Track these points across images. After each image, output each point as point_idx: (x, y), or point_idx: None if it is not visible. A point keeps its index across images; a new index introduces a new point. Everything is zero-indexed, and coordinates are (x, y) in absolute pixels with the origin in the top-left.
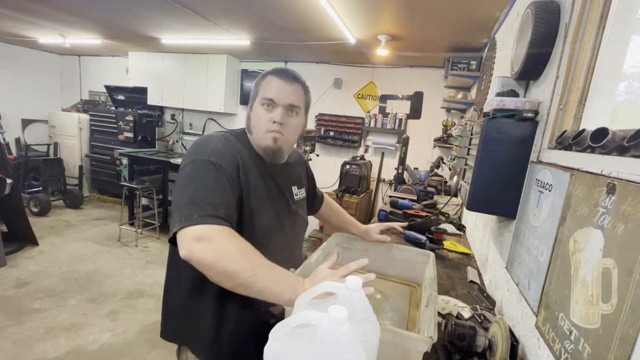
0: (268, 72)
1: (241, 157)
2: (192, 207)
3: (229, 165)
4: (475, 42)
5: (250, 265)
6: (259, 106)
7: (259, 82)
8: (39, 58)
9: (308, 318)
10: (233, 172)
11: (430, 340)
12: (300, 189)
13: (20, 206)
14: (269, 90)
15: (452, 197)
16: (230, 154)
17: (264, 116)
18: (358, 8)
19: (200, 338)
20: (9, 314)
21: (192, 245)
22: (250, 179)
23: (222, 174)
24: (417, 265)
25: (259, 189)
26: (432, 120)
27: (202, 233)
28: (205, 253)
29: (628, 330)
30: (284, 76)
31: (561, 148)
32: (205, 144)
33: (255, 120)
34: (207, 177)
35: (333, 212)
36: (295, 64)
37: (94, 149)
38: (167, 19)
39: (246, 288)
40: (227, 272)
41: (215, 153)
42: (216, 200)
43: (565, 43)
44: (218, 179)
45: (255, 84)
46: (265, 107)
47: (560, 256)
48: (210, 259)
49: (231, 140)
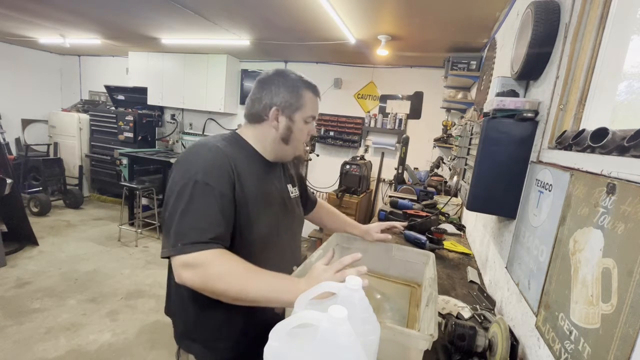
0: (307, 86)
1: (235, 165)
2: (178, 234)
3: (218, 180)
4: (475, 42)
5: (237, 281)
6: (302, 121)
7: (299, 96)
8: (39, 58)
9: (308, 318)
10: (224, 187)
11: (430, 337)
12: (295, 187)
13: (20, 206)
14: (313, 109)
15: (452, 197)
16: (222, 167)
17: (306, 130)
18: (358, 8)
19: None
20: (9, 314)
21: (181, 273)
22: (247, 185)
23: (210, 193)
24: (417, 266)
25: (258, 193)
26: (432, 120)
27: (188, 261)
28: (193, 279)
29: (628, 330)
30: (318, 93)
31: (561, 148)
32: (194, 157)
33: (298, 134)
34: (193, 201)
35: (329, 214)
36: (295, 64)
37: (94, 149)
38: (167, 19)
39: (241, 301)
40: (216, 292)
41: (204, 169)
42: (202, 224)
43: (565, 43)
44: (205, 201)
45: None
46: (308, 123)
47: (560, 256)
48: (198, 284)
49: (222, 148)
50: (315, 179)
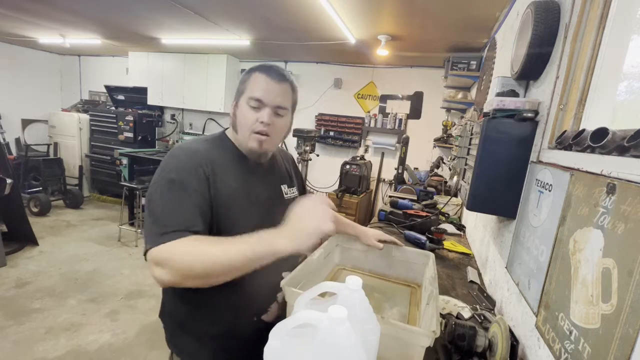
0: (255, 68)
1: (212, 166)
2: (148, 233)
3: (192, 178)
4: (475, 42)
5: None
6: (245, 105)
7: (245, 79)
8: (39, 58)
9: (308, 318)
10: (197, 185)
11: (433, 334)
12: (291, 188)
13: (20, 206)
14: (257, 89)
15: (452, 197)
16: (196, 167)
17: (250, 116)
18: (358, 8)
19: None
20: (9, 314)
21: (153, 270)
22: (225, 185)
23: (182, 189)
24: (417, 266)
25: (238, 193)
26: (432, 120)
27: (157, 256)
28: (163, 275)
29: (628, 330)
30: (272, 74)
31: (561, 148)
32: (171, 157)
33: (241, 119)
34: (164, 197)
35: None
36: (295, 64)
37: (94, 149)
38: (167, 19)
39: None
40: (184, 271)
41: (177, 169)
42: (169, 219)
43: (565, 43)
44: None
45: (241, 79)
46: (252, 107)
47: (560, 256)
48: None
49: (200, 150)
50: (315, 179)
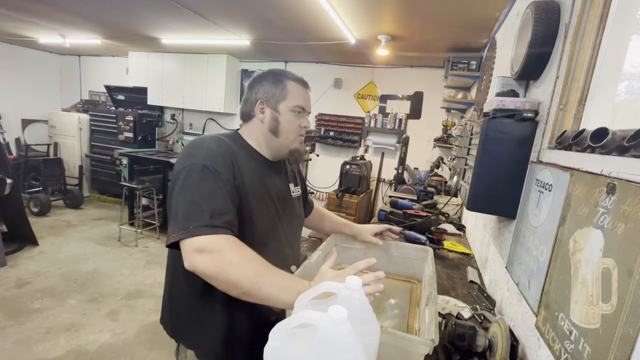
0: (289, 78)
1: (236, 158)
2: (189, 217)
3: (224, 168)
4: (475, 42)
5: (252, 274)
6: (288, 112)
7: (282, 87)
8: (39, 58)
9: (308, 318)
10: (229, 175)
11: (432, 343)
12: (297, 187)
13: (20, 206)
14: (300, 98)
15: (452, 197)
16: (225, 156)
17: (295, 121)
18: (358, 8)
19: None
20: (9, 314)
21: (194, 258)
22: (247, 180)
23: (218, 177)
24: (416, 262)
25: (257, 189)
26: (432, 120)
27: (202, 245)
28: (207, 264)
29: (628, 330)
30: (305, 84)
31: (561, 148)
32: (199, 146)
33: (286, 125)
34: (203, 183)
35: (324, 216)
36: (295, 64)
37: (94, 149)
38: (167, 19)
39: (250, 296)
40: (229, 282)
41: (210, 156)
42: (212, 207)
43: (565, 43)
44: (214, 185)
45: (275, 86)
46: (297, 113)
47: (560, 256)
48: (211, 271)
49: (225, 141)
50: (315, 179)
